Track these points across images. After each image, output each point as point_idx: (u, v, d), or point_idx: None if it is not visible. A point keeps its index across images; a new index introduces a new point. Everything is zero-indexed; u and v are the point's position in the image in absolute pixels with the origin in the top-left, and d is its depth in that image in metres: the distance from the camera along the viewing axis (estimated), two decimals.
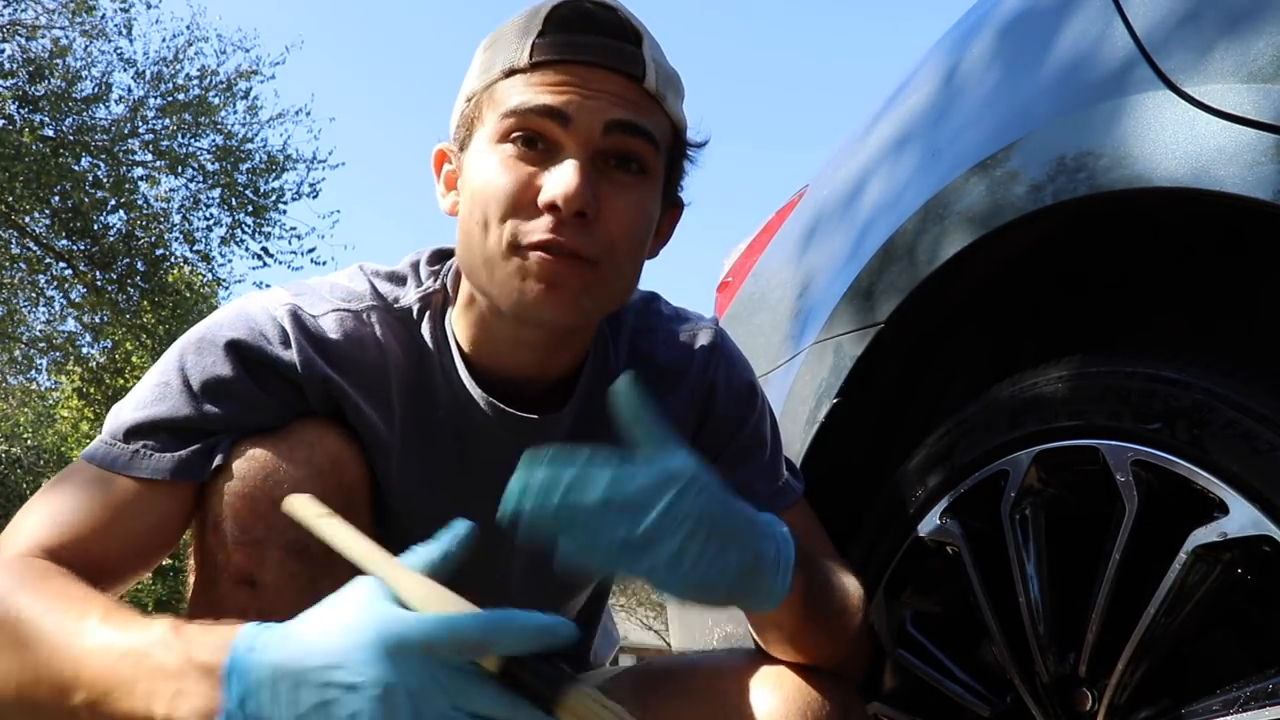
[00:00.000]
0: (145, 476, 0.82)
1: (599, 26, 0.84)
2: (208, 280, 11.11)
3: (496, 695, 0.59)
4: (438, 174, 0.94)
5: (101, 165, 9.62)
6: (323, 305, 0.91)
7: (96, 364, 11.12)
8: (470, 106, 0.88)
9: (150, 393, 0.85)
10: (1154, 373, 0.87)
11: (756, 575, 0.78)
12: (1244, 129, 0.74)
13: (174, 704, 0.62)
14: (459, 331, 0.93)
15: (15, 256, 9.96)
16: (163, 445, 0.83)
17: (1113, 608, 0.86)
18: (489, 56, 0.88)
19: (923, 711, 1.07)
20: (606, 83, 0.83)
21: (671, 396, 0.98)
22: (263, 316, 0.88)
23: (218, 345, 0.85)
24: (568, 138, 0.82)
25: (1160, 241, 1.02)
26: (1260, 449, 0.78)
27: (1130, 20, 0.87)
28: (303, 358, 0.86)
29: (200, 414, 0.84)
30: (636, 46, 0.85)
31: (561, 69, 0.83)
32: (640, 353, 0.99)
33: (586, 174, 0.81)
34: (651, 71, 0.85)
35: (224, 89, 10.24)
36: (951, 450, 1.04)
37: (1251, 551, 0.79)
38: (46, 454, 14.50)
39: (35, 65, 9.17)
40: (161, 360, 0.88)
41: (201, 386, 0.84)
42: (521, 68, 0.84)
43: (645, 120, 0.84)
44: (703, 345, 1.01)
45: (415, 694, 0.57)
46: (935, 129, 1.12)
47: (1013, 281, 1.08)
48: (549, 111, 0.82)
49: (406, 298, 0.95)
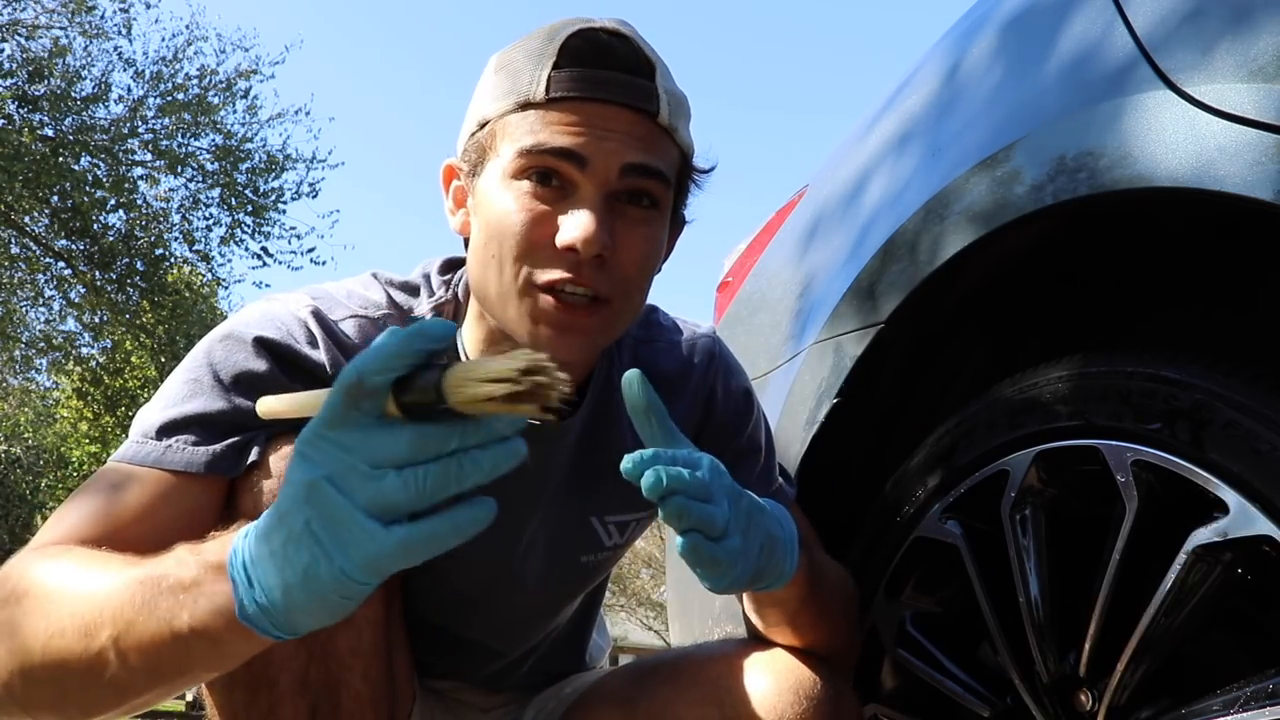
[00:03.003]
0: (179, 469, 0.81)
1: (614, 61, 0.84)
2: (207, 280, 11.12)
3: (403, 433, 0.56)
4: (446, 189, 0.95)
5: (101, 165, 9.62)
6: (342, 311, 0.91)
7: (96, 364, 11.13)
8: (483, 133, 0.88)
9: (180, 390, 0.85)
10: (1154, 373, 0.87)
11: (773, 554, 0.82)
12: (1244, 129, 0.74)
13: (194, 610, 0.62)
14: (468, 344, 0.95)
15: (15, 256, 9.96)
16: (197, 439, 0.82)
17: (1113, 608, 0.86)
18: (502, 81, 0.87)
19: (923, 711, 1.07)
20: (621, 121, 0.83)
21: (674, 404, 1.00)
22: (287, 317, 0.89)
23: (246, 341, 0.86)
24: (584, 179, 0.83)
25: (1161, 241, 1.02)
26: (1260, 449, 0.78)
27: (1130, 20, 0.87)
28: (330, 358, 0.87)
29: (234, 407, 0.83)
30: (650, 79, 0.85)
31: (577, 106, 0.83)
32: (643, 362, 1.01)
33: (603, 216, 0.82)
34: (664, 105, 0.86)
35: (223, 88, 10.24)
36: (952, 450, 1.04)
37: (1251, 551, 0.79)
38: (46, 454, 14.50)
39: (35, 65, 9.16)
40: (187, 360, 0.88)
41: (233, 380, 0.84)
42: (537, 102, 0.84)
43: (658, 159, 0.85)
44: (703, 354, 1.05)
45: (335, 476, 0.56)
46: (936, 128, 1.12)
47: (1013, 281, 1.08)
48: (566, 154, 0.82)
49: (420, 307, 0.96)
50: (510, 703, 1.15)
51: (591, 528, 1.02)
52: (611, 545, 1.04)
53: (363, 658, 0.84)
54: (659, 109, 0.85)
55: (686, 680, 0.95)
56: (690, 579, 1.54)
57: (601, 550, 1.04)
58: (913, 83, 1.23)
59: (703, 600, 1.38)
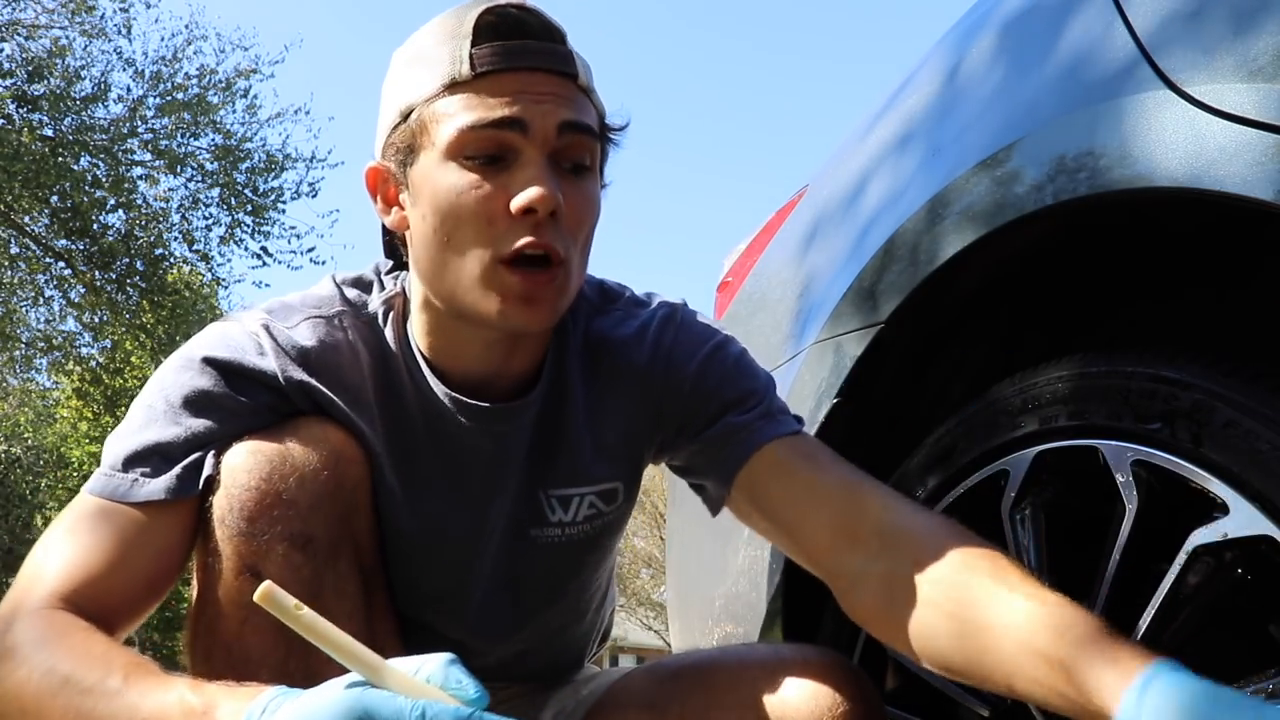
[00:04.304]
0: (143, 500, 0.84)
1: (529, 31, 0.86)
2: (207, 280, 11.13)
3: None
4: (373, 194, 0.94)
5: (100, 165, 9.63)
6: (295, 316, 0.93)
7: (96, 364, 11.13)
8: (411, 123, 0.88)
9: (137, 419, 0.88)
10: (1154, 373, 0.87)
11: None
12: (1244, 129, 0.74)
13: None
14: (417, 336, 0.95)
15: (14, 256, 9.97)
16: (156, 468, 0.85)
17: (1113, 608, 0.86)
18: (419, 70, 0.88)
19: (923, 711, 1.07)
20: (549, 84, 0.86)
21: (629, 372, 0.99)
22: (236, 332, 0.91)
23: (194, 361, 0.88)
24: (526, 144, 0.84)
25: (1160, 241, 1.02)
26: (1260, 449, 0.78)
27: (1130, 20, 0.87)
28: (279, 364, 0.89)
29: (186, 430, 0.86)
30: (564, 45, 0.88)
31: (506, 77, 0.85)
32: (595, 332, 1.01)
33: (550, 176, 0.84)
34: (580, 67, 0.88)
35: (223, 88, 10.25)
36: (952, 450, 1.04)
37: (1251, 551, 0.79)
38: (46, 454, 14.51)
39: (34, 65, 9.17)
40: (146, 387, 0.91)
41: (183, 403, 0.87)
42: (464, 80, 0.85)
43: (586, 116, 0.88)
44: (660, 321, 1.01)
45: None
46: (936, 128, 1.12)
47: (1013, 281, 1.08)
48: (507, 122, 0.84)
49: (372, 303, 0.97)
50: (516, 696, 1.14)
51: (538, 500, 1.01)
52: (556, 521, 1.01)
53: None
54: (577, 72, 0.88)
55: (722, 686, 0.94)
56: (690, 579, 1.54)
57: (547, 525, 1.01)
58: (913, 83, 1.23)
59: (703, 600, 1.38)
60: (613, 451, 1.01)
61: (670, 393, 0.99)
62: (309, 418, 0.89)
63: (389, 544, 0.95)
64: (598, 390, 1.00)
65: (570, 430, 1.00)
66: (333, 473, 0.86)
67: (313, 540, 0.84)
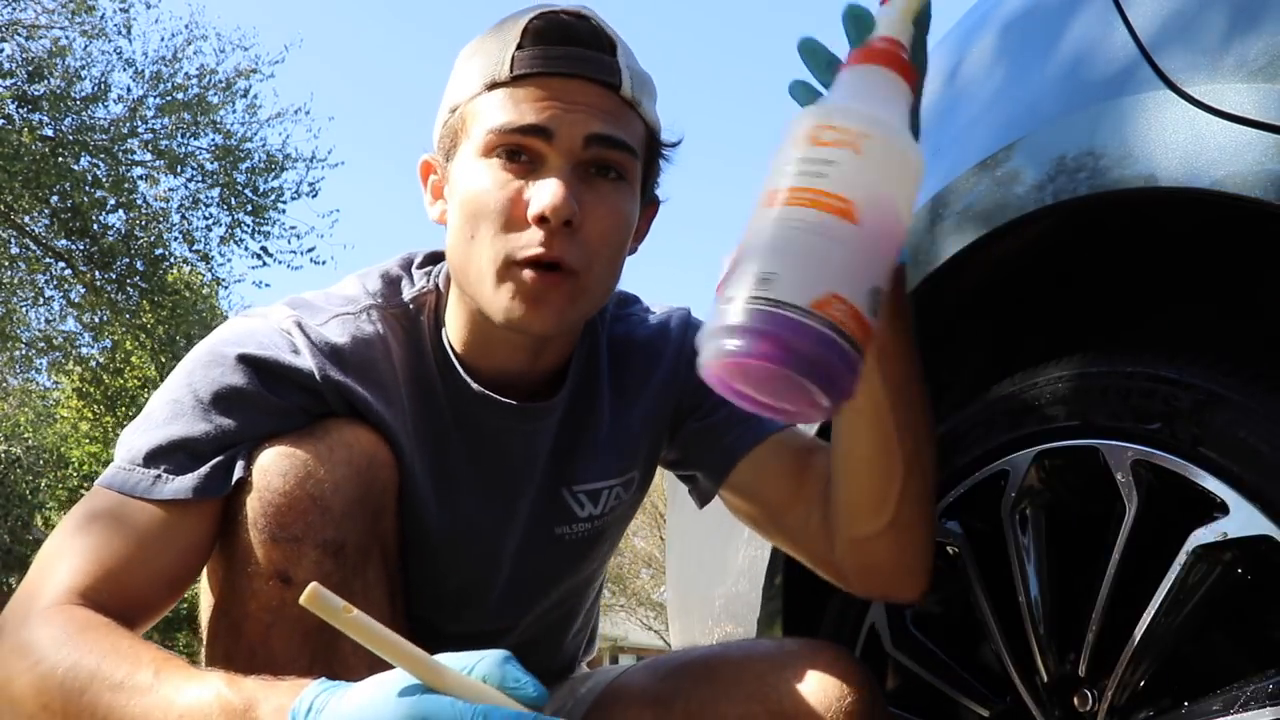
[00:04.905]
0: (168, 498, 0.81)
1: (575, 38, 0.87)
2: (207, 280, 11.13)
3: None
4: (424, 184, 0.97)
5: (101, 165, 9.62)
6: (323, 315, 0.92)
7: (96, 364, 11.13)
8: (454, 118, 0.90)
9: (162, 412, 0.85)
10: (1154, 373, 0.87)
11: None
12: (1245, 129, 0.74)
13: None
14: (451, 332, 0.96)
15: (14, 256, 9.96)
16: (182, 465, 0.82)
17: (1113, 608, 0.86)
18: (470, 68, 0.90)
19: (923, 711, 1.07)
20: (585, 94, 0.86)
21: (654, 370, 1.03)
22: (268, 330, 0.89)
23: (227, 358, 0.85)
24: (551, 150, 0.85)
25: (1160, 241, 1.02)
26: (1260, 449, 0.78)
27: (1130, 20, 0.87)
28: (316, 363, 0.87)
29: (216, 428, 0.83)
30: (611, 55, 0.88)
31: (542, 82, 0.85)
32: (618, 335, 1.05)
33: (570, 185, 0.84)
34: (626, 78, 0.88)
35: (223, 88, 10.24)
36: (951, 450, 1.04)
37: (1251, 551, 0.79)
38: (46, 454, 14.50)
39: (34, 65, 9.16)
40: (169, 380, 0.88)
41: (212, 399, 0.84)
42: (503, 81, 0.86)
43: (622, 130, 0.87)
44: (678, 322, 1.07)
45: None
46: (936, 127, 1.12)
47: (1013, 280, 1.08)
48: (532, 129, 0.85)
49: (404, 295, 0.97)
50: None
51: (563, 499, 1.02)
52: (586, 516, 1.03)
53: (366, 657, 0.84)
54: (621, 82, 0.87)
55: (727, 679, 0.94)
56: (690, 579, 1.54)
57: (576, 521, 1.03)
58: None
59: (703, 600, 1.38)
60: (634, 442, 1.04)
61: (688, 385, 1.02)
62: (340, 420, 0.87)
63: (412, 544, 0.95)
64: (622, 388, 1.03)
65: (596, 428, 1.02)
66: (364, 477, 0.84)
67: (344, 547, 0.82)
